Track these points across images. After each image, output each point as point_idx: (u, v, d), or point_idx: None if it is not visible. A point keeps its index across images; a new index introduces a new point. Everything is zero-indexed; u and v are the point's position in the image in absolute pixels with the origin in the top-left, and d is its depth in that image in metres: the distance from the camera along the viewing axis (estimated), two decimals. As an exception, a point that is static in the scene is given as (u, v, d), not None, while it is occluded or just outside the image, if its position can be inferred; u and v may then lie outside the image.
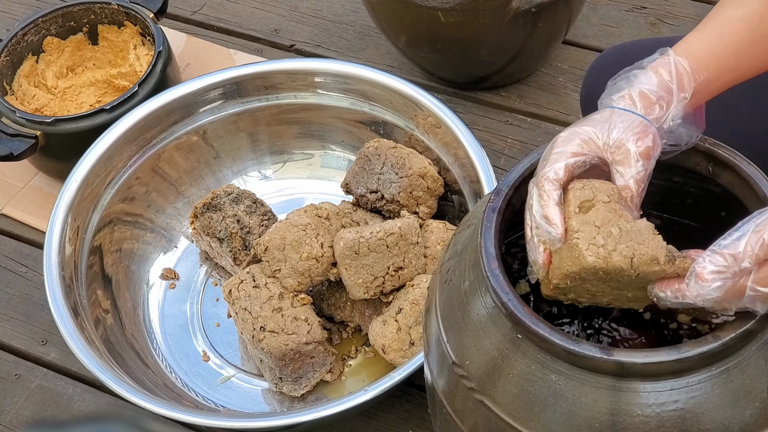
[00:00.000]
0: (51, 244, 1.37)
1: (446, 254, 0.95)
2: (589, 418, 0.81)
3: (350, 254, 1.28)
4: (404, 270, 1.31)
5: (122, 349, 1.38)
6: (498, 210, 0.88)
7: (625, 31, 1.81)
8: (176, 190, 1.56)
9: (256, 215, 1.45)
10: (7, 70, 1.64)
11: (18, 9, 1.98)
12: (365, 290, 1.31)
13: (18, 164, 1.63)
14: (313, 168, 1.61)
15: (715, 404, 0.80)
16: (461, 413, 0.89)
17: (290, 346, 1.29)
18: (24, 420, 1.42)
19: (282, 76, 1.54)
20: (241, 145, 1.59)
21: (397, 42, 1.68)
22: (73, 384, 1.45)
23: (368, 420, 1.38)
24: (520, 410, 0.83)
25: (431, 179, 1.40)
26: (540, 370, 0.82)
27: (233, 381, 1.41)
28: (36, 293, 1.54)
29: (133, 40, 1.69)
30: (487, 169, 1.37)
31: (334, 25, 1.88)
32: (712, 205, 0.93)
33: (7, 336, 1.51)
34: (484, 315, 0.86)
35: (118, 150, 1.48)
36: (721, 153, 0.91)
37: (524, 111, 1.72)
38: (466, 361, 0.87)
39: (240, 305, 1.31)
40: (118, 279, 1.47)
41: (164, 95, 1.52)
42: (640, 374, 0.79)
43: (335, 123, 1.57)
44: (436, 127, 1.44)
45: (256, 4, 1.94)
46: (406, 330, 1.28)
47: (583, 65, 1.74)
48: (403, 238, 1.30)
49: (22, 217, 1.64)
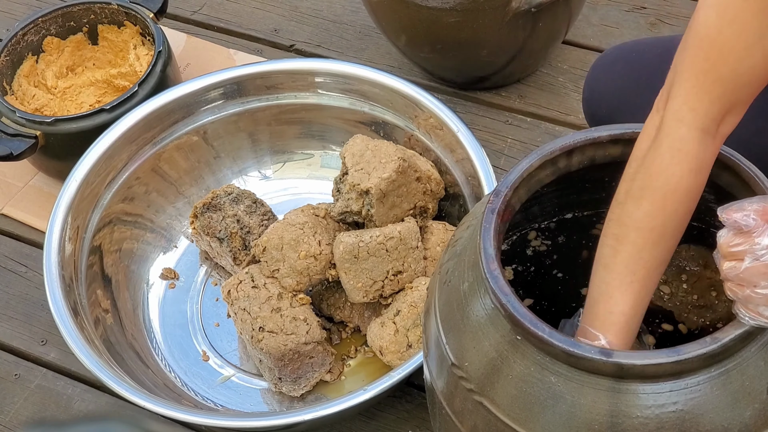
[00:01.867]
0: (51, 244, 1.37)
1: (445, 255, 0.95)
2: (589, 420, 0.81)
3: (350, 258, 1.28)
4: (404, 274, 1.31)
5: (122, 349, 1.38)
6: (497, 211, 0.88)
7: (625, 31, 1.80)
8: (176, 190, 1.56)
9: (256, 215, 1.45)
10: (7, 70, 1.64)
11: (18, 9, 1.98)
12: (364, 294, 1.31)
13: (18, 164, 1.63)
14: (313, 168, 1.61)
15: (714, 406, 0.80)
16: (460, 414, 0.89)
17: (289, 347, 1.29)
18: (24, 420, 1.42)
19: (282, 76, 1.54)
20: (242, 145, 1.59)
21: (397, 42, 1.68)
22: (73, 384, 1.45)
23: (368, 420, 1.38)
24: (520, 412, 0.83)
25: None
26: (539, 372, 0.82)
27: (233, 381, 1.41)
28: (36, 293, 1.54)
29: (133, 40, 1.69)
30: (487, 169, 1.37)
31: (334, 25, 1.88)
32: (712, 205, 0.93)
33: (7, 336, 1.51)
34: (483, 316, 0.86)
35: (118, 150, 1.48)
36: (721, 154, 0.91)
37: (524, 111, 1.72)
38: (465, 362, 0.87)
39: (239, 305, 1.31)
40: (118, 279, 1.47)
41: (164, 95, 1.52)
42: (639, 376, 0.79)
43: (335, 123, 1.57)
44: (436, 128, 1.44)
45: (256, 4, 1.94)
46: (403, 332, 1.28)
47: (583, 65, 1.74)
48: (402, 242, 1.30)
49: (22, 217, 1.64)
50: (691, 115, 0.85)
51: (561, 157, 0.94)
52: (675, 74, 0.87)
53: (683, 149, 0.85)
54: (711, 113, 0.85)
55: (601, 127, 0.95)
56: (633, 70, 1.24)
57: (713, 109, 0.85)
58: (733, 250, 0.79)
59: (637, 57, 1.26)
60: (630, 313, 0.87)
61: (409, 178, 1.34)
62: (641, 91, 1.21)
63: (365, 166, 1.31)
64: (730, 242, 0.79)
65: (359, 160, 1.32)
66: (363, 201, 1.31)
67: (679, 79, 0.86)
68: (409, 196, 1.35)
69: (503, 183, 0.91)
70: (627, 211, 0.87)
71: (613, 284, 0.87)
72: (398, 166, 1.31)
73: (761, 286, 0.78)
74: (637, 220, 0.86)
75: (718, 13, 0.84)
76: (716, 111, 0.86)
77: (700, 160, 0.86)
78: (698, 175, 0.87)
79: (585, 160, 0.95)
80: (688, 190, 0.86)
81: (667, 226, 0.86)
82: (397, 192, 1.32)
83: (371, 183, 1.29)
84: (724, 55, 0.84)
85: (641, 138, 0.89)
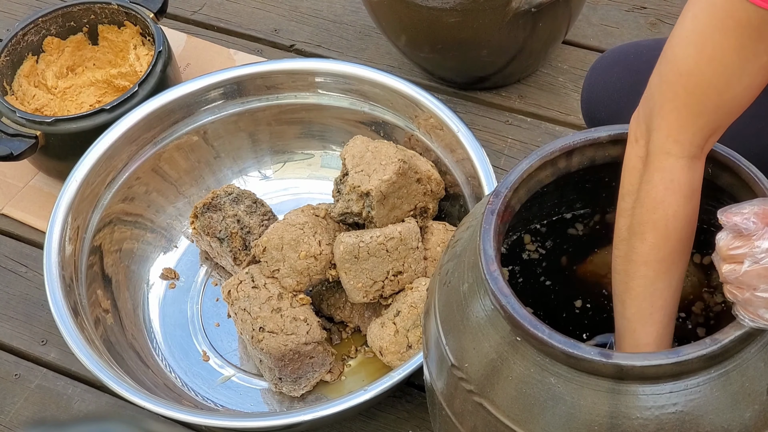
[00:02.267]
0: (51, 244, 1.37)
1: (445, 256, 0.95)
2: (588, 421, 0.81)
3: (350, 258, 1.28)
4: (404, 274, 1.31)
5: (122, 349, 1.38)
6: (497, 212, 0.88)
7: (625, 31, 1.80)
8: (176, 190, 1.56)
9: (257, 215, 1.45)
10: (7, 70, 1.64)
11: (18, 9, 1.98)
12: (364, 294, 1.31)
13: (18, 164, 1.63)
14: (313, 168, 1.61)
15: (714, 407, 0.80)
16: (460, 415, 0.89)
17: (289, 347, 1.29)
18: (24, 420, 1.42)
19: (282, 76, 1.54)
20: (242, 145, 1.59)
21: (397, 42, 1.67)
22: (73, 384, 1.45)
23: (368, 420, 1.38)
24: (519, 413, 0.83)
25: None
26: (539, 373, 0.82)
27: (233, 381, 1.41)
28: (36, 293, 1.54)
29: (133, 40, 1.69)
30: (487, 169, 1.37)
31: (334, 25, 1.88)
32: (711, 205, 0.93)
33: (7, 336, 1.51)
34: (483, 317, 0.86)
35: (118, 150, 1.48)
36: (721, 154, 0.91)
37: (524, 111, 1.72)
38: (465, 363, 0.87)
39: (239, 306, 1.31)
40: (118, 279, 1.47)
41: (164, 95, 1.52)
42: (639, 377, 0.79)
43: (335, 123, 1.57)
44: (437, 128, 1.44)
45: (256, 4, 1.94)
46: (403, 333, 1.28)
47: (583, 65, 1.74)
48: (403, 242, 1.30)
49: (22, 217, 1.64)
50: (678, 146, 0.87)
51: (561, 157, 0.94)
52: (654, 106, 0.88)
53: (675, 179, 0.87)
54: (695, 142, 0.87)
55: (601, 128, 0.95)
56: (631, 73, 1.24)
57: (697, 139, 0.87)
58: (733, 253, 0.79)
59: (636, 59, 1.26)
60: (656, 342, 0.90)
61: (410, 180, 1.34)
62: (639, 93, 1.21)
63: (365, 168, 1.31)
64: (729, 245, 0.80)
65: (359, 162, 1.32)
66: (363, 203, 1.31)
67: (661, 111, 0.87)
68: (409, 197, 1.35)
69: (503, 184, 0.91)
70: (633, 246, 0.89)
71: (633, 319, 0.90)
72: (398, 167, 1.31)
73: (761, 289, 0.78)
74: (644, 255, 0.88)
75: (697, 50, 0.85)
76: (700, 138, 0.87)
77: (692, 187, 0.88)
78: (692, 199, 0.89)
79: (585, 161, 0.96)
80: (686, 216, 0.88)
81: (674, 253, 0.89)
82: (397, 193, 1.32)
83: (372, 185, 1.29)
84: (706, 90, 0.85)
85: (627, 169, 0.91)
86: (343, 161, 1.35)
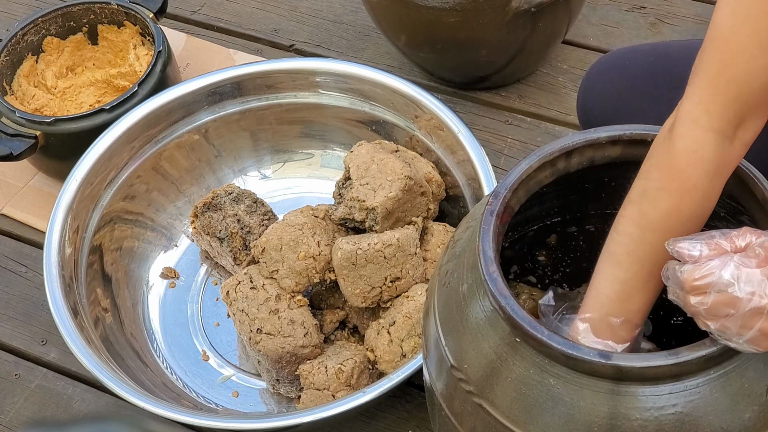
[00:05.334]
0: (51, 244, 1.37)
1: (445, 256, 0.95)
2: (588, 422, 0.81)
3: (348, 265, 1.28)
4: (402, 280, 1.30)
5: (121, 348, 1.38)
6: (496, 213, 0.88)
7: (625, 31, 1.80)
8: (177, 189, 1.56)
9: (257, 215, 1.45)
10: (7, 70, 1.64)
11: (18, 9, 1.98)
12: (363, 299, 1.31)
13: (18, 164, 1.63)
14: (313, 168, 1.61)
15: (713, 408, 0.80)
16: (460, 416, 0.89)
17: (286, 349, 1.28)
18: (24, 420, 1.42)
19: (282, 75, 1.54)
20: (243, 145, 1.59)
21: (397, 42, 1.67)
22: (73, 384, 1.45)
23: (368, 420, 1.38)
24: (519, 414, 0.83)
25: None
26: (538, 374, 0.82)
27: (233, 380, 1.41)
28: (36, 293, 1.54)
29: (133, 40, 1.69)
30: (487, 170, 1.37)
31: (334, 25, 1.88)
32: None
33: (7, 336, 1.51)
34: (482, 318, 0.86)
35: (118, 150, 1.48)
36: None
37: (524, 111, 1.72)
38: (464, 364, 0.87)
39: (237, 306, 1.31)
40: (117, 278, 1.47)
41: (164, 95, 1.51)
42: (638, 378, 0.79)
43: (336, 123, 1.57)
44: (437, 128, 1.44)
45: (256, 4, 1.94)
46: (398, 342, 1.28)
47: (583, 65, 1.74)
48: (401, 249, 1.29)
49: (22, 217, 1.64)
50: (706, 116, 0.84)
51: (560, 158, 0.94)
52: (691, 76, 0.86)
53: (698, 151, 0.84)
54: (726, 116, 0.84)
55: (600, 128, 0.94)
56: (628, 77, 1.24)
57: (728, 112, 0.84)
58: (697, 284, 0.79)
59: (632, 64, 1.26)
60: (645, 309, 0.89)
61: (414, 194, 1.34)
62: (636, 97, 1.21)
63: (371, 182, 1.31)
64: (693, 275, 0.79)
65: (364, 174, 1.32)
66: (367, 214, 1.31)
67: (694, 79, 0.85)
68: (413, 210, 1.35)
69: (502, 184, 0.91)
70: (642, 211, 0.86)
71: (629, 283, 0.87)
72: (404, 185, 1.30)
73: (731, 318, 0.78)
74: (653, 221, 0.86)
75: (732, 11, 0.83)
76: (732, 114, 0.84)
77: (716, 164, 0.84)
78: (714, 179, 0.85)
79: (584, 161, 0.95)
80: (703, 193, 0.85)
81: (683, 228, 0.86)
82: (402, 208, 1.32)
83: (377, 202, 1.29)
84: (738, 55, 0.83)
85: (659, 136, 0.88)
86: (347, 167, 1.35)
